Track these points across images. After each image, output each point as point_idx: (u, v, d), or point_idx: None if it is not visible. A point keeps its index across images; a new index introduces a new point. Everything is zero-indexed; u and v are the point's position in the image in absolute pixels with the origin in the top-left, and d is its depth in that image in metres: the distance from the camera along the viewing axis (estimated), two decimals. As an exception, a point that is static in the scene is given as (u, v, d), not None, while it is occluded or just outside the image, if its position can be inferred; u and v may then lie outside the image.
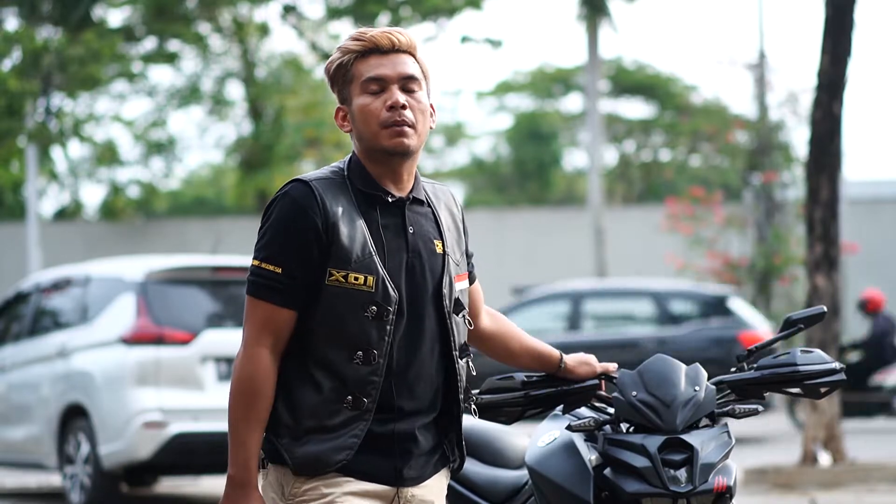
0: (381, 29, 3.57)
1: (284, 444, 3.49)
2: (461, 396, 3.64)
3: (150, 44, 31.39)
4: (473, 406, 3.72)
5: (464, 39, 29.44)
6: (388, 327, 3.48)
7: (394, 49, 3.54)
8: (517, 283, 25.24)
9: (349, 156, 3.61)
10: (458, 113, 59.33)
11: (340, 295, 3.46)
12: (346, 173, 3.55)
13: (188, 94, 34.18)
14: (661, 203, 29.89)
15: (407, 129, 3.50)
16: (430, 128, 3.60)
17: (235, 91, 34.07)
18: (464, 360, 3.64)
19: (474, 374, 3.71)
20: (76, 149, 37.14)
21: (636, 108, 43.79)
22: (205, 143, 38.77)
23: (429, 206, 3.64)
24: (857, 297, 28.16)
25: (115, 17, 31.01)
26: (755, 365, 4.69)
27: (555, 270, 30.36)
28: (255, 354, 3.47)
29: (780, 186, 25.80)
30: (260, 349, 3.47)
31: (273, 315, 3.47)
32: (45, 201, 39.67)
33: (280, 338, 3.49)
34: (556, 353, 4.18)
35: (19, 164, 28.23)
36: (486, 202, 44.87)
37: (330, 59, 3.59)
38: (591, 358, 4.29)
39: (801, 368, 4.60)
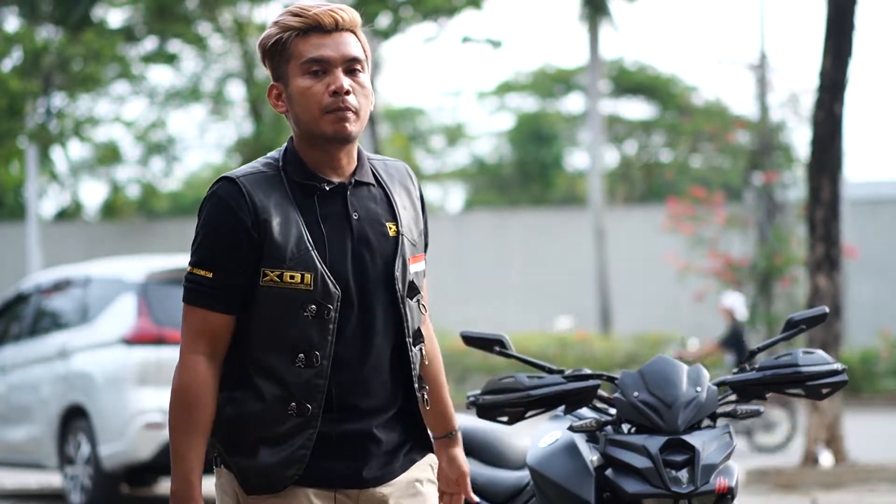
0: (323, 5, 3.36)
1: (235, 461, 3.33)
2: (415, 386, 3.42)
3: (150, 44, 31.40)
4: (425, 396, 3.46)
5: (464, 39, 29.45)
6: (331, 326, 3.28)
7: (337, 28, 3.34)
8: (520, 283, 25.26)
9: (285, 145, 3.43)
10: (459, 113, 59.38)
11: (277, 295, 3.28)
12: (280, 164, 3.37)
13: (188, 94, 34.20)
14: (662, 203, 29.88)
15: (350, 114, 3.31)
16: (370, 110, 3.43)
17: (236, 91, 34.08)
18: (417, 347, 3.43)
19: (426, 362, 3.53)
20: (76, 149, 37.15)
21: (637, 109, 43.80)
22: (205, 144, 38.79)
23: (379, 185, 3.43)
24: (858, 297, 28.21)
25: (116, 18, 31.03)
26: (757, 366, 4.68)
27: (556, 271, 30.35)
28: (190, 362, 3.29)
29: (782, 187, 25.80)
30: (196, 356, 3.29)
31: (207, 320, 3.29)
32: (46, 202, 39.69)
33: (217, 344, 3.31)
34: (453, 424, 3.77)
35: (19, 164, 28.26)
36: (487, 203, 44.87)
37: (266, 33, 3.38)
38: (462, 467, 3.83)
39: (803, 369, 4.59)
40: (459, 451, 3.77)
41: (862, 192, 31.12)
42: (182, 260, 12.34)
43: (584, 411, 4.73)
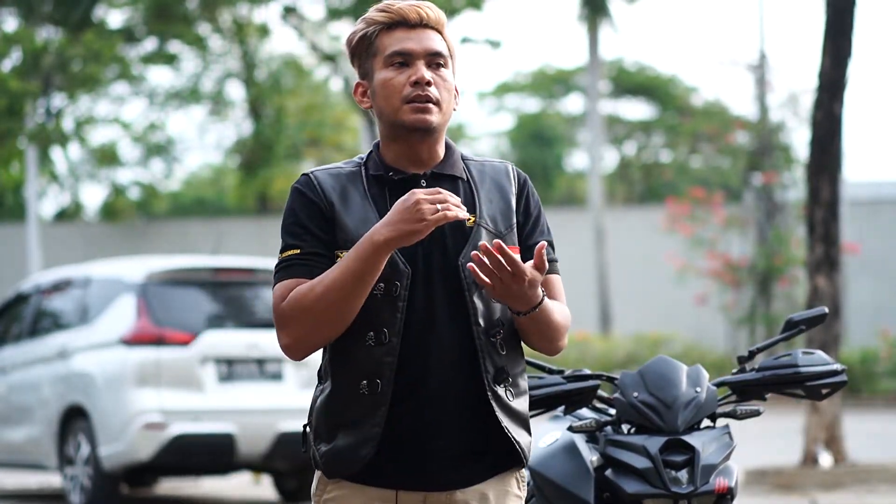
0: (409, 2, 3.41)
1: (319, 449, 3.35)
2: (487, 379, 3.32)
3: (150, 45, 31.41)
4: (511, 392, 3.35)
5: (464, 40, 29.44)
6: (400, 304, 3.29)
7: (421, 24, 3.40)
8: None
9: (371, 148, 3.48)
10: (459, 113, 59.35)
11: None
12: (363, 161, 3.44)
13: (187, 95, 34.20)
14: (661, 204, 29.89)
15: (431, 105, 3.35)
16: (455, 108, 3.46)
17: (235, 92, 34.10)
18: (492, 338, 3.34)
19: (503, 352, 3.36)
20: (76, 150, 37.14)
21: (637, 109, 43.83)
22: (205, 144, 38.80)
23: (467, 182, 3.44)
24: (858, 298, 28.21)
25: (116, 18, 31.03)
26: (756, 366, 4.69)
27: (555, 271, 30.32)
28: (282, 305, 3.28)
29: (781, 187, 25.81)
30: (283, 302, 3.29)
31: (293, 287, 3.30)
32: (46, 202, 39.68)
33: None
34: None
35: (19, 165, 28.22)
36: (487, 203, 44.83)
37: (353, 30, 3.44)
38: None
39: (803, 370, 4.60)
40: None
41: (862, 193, 31.13)
42: (182, 260, 12.34)
43: (584, 412, 4.74)
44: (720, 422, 4.67)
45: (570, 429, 4.55)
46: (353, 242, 3.29)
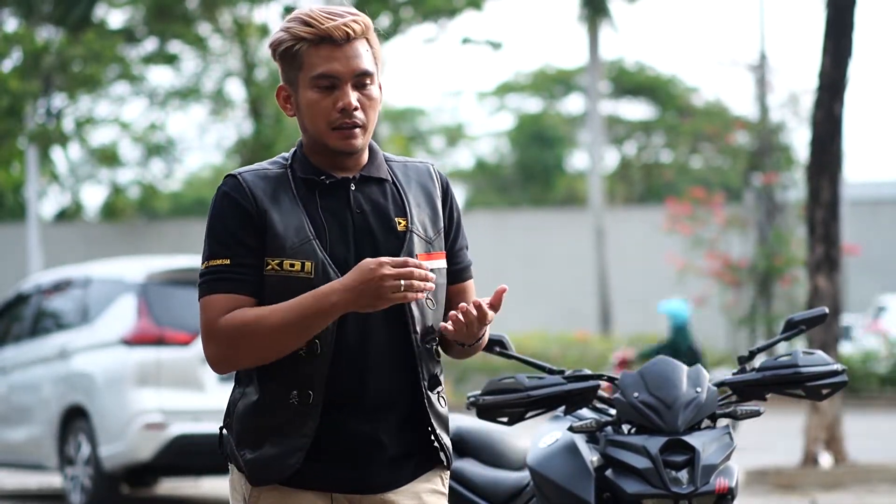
0: (335, 15, 3.31)
1: (243, 454, 3.32)
2: (423, 384, 3.35)
3: (150, 45, 31.41)
4: (441, 397, 3.38)
5: (465, 40, 29.46)
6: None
7: (348, 40, 3.31)
8: (520, 283, 25.26)
9: (294, 147, 3.43)
10: (459, 114, 59.36)
11: (279, 284, 3.27)
12: (288, 163, 3.37)
13: (187, 94, 34.20)
14: (661, 204, 29.90)
15: (357, 130, 3.31)
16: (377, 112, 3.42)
17: (236, 92, 34.09)
18: (428, 345, 3.36)
19: (438, 358, 3.41)
20: (76, 150, 37.16)
21: (637, 110, 43.84)
22: (205, 144, 38.80)
23: (394, 184, 3.41)
24: (860, 298, 28.19)
25: (116, 18, 31.05)
26: (757, 366, 4.69)
27: (556, 271, 30.36)
28: (222, 321, 3.25)
29: (781, 187, 25.81)
30: (218, 321, 3.26)
31: (225, 303, 3.27)
32: (46, 202, 39.70)
33: None
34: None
35: (20, 165, 28.24)
36: (487, 203, 44.88)
37: (276, 37, 3.34)
38: None
39: (803, 370, 4.60)
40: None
41: (862, 193, 31.16)
42: (182, 260, 12.34)
43: (584, 412, 4.73)
44: (720, 422, 4.67)
45: (571, 429, 4.55)
46: (283, 250, 3.27)
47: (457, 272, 3.48)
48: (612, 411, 4.67)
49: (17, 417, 12.53)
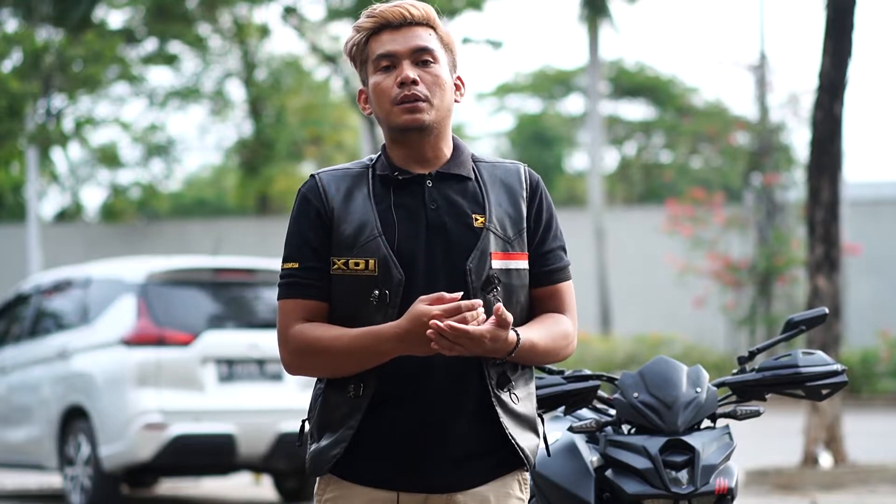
0: (394, 3, 3.41)
1: (310, 445, 3.40)
2: (491, 384, 3.32)
3: (150, 45, 31.41)
4: (514, 395, 3.35)
5: (465, 41, 29.46)
6: (392, 310, 3.27)
7: (406, 23, 3.38)
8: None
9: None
10: (459, 113, 59.35)
11: (345, 283, 3.32)
12: (371, 163, 3.43)
13: (187, 94, 34.21)
14: (661, 204, 29.89)
15: (420, 103, 3.33)
16: (457, 101, 3.44)
17: (236, 92, 34.11)
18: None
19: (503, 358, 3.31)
20: (76, 151, 37.16)
21: (637, 110, 43.78)
22: (205, 145, 38.81)
23: (476, 181, 3.41)
24: (858, 298, 28.20)
25: (116, 19, 31.04)
26: (757, 366, 4.69)
27: (555, 272, 30.33)
28: (294, 331, 3.33)
29: (781, 188, 25.80)
30: (295, 325, 3.34)
31: (297, 309, 3.34)
32: (46, 203, 39.70)
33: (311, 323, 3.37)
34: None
35: (20, 165, 28.24)
36: (487, 203, 44.84)
37: (347, 38, 3.46)
38: None
39: (803, 370, 4.60)
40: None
41: (862, 193, 31.14)
42: (182, 260, 12.34)
43: (584, 412, 4.74)
44: (720, 422, 4.67)
45: (571, 429, 4.55)
46: (350, 249, 3.32)
47: (545, 274, 3.45)
48: (612, 411, 4.67)
49: (17, 418, 12.53)
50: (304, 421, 3.44)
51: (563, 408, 4.62)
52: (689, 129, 35.45)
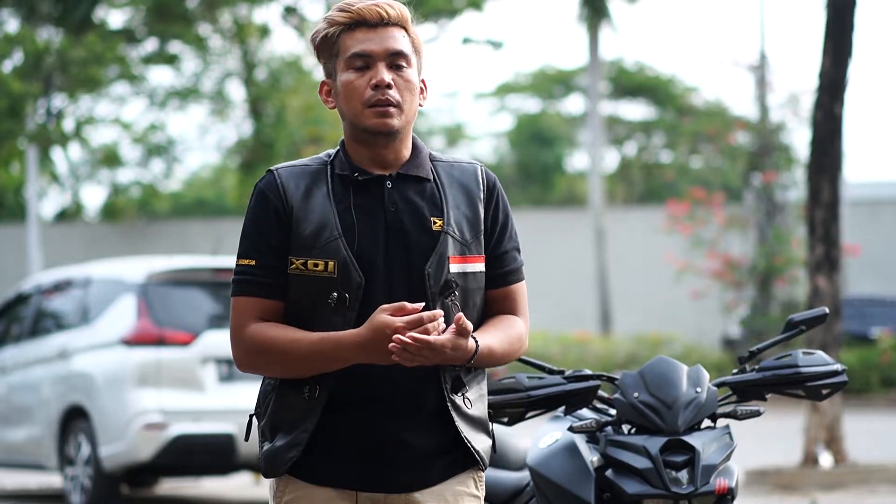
0: (370, 3, 3.34)
1: (262, 444, 3.38)
2: (446, 389, 3.33)
3: (150, 45, 31.41)
4: (467, 399, 3.37)
5: (465, 41, 29.46)
6: (351, 314, 3.26)
7: (382, 22, 3.33)
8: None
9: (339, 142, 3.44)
10: (457, 113, 59.36)
11: (302, 283, 3.29)
12: (329, 160, 3.38)
13: (187, 94, 34.21)
14: (661, 204, 29.90)
15: (391, 108, 3.30)
16: (420, 105, 3.41)
17: (236, 92, 34.10)
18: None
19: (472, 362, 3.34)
20: (77, 150, 37.16)
21: (637, 110, 43.78)
22: (205, 144, 38.81)
23: (434, 183, 3.39)
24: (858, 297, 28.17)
25: (116, 19, 31.03)
26: (757, 366, 4.69)
27: (556, 272, 30.35)
28: (247, 330, 3.31)
29: (781, 188, 25.81)
30: (249, 325, 3.31)
31: (252, 307, 3.31)
32: (46, 203, 39.70)
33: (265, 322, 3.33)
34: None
35: (20, 165, 28.26)
36: (487, 203, 44.84)
37: (315, 28, 3.39)
38: None
39: (803, 370, 4.60)
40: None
41: (862, 193, 31.16)
42: (182, 260, 12.34)
43: (585, 412, 4.74)
44: (720, 422, 4.67)
45: (571, 429, 4.55)
46: (309, 249, 3.28)
47: (500, 276, 3.44)
48: (613, 411, 4.67)
49: (17, 417, 12.54)
50: (251, 416, 3.43)
51: (563, 408, 4.62)
52: (689, 128, 35.44)
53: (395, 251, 3.31)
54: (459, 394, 3.36)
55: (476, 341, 3.28)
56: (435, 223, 3.34)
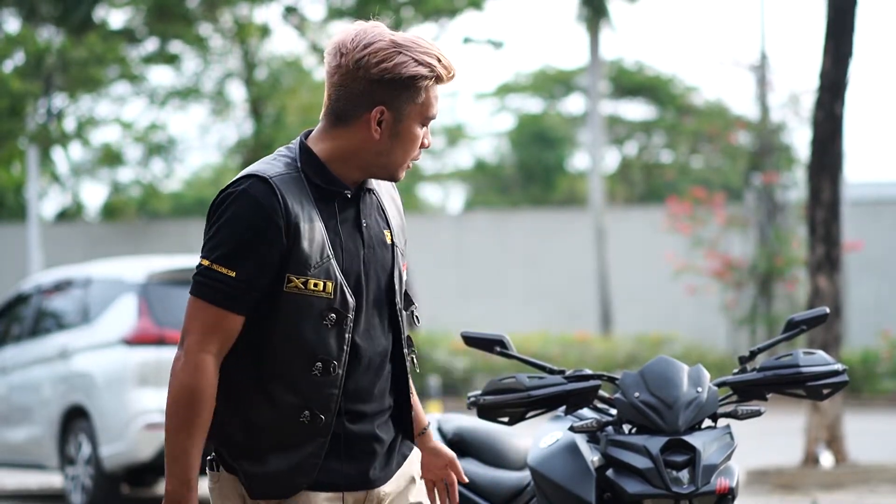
0: (450, 59, 3.29)
1: (243, 467, 3.27)
2: (410, 388, 3.44)
3: (151, 45, 31.41)
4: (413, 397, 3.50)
5: (466, 40, 29.42)
6: (347, 335, 3.25)
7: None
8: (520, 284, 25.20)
9: (296, 144, 3.32)
10: (458, 114, 59.38)
11: (299, 302, 3.21)
12: (299, 166, 3.27)
13: (187, 94, 34.21)
14: (662, 204, 29.89)
15: None
16: None
17: (236, 92, 34.10)
18: (410, 355, 3.43)
19: (417, 370, 3.49)
20: (77, 150, 37.16)
21: (637, 110, 43.74)
22: (206, 144, 38.79)
23: (375, 194, 3.40)
24: (859, 298, 28.19)
25: (116, 19, 31.02)
26: (758, 366, 4.69)
27: (556, 271, 30.35)
28: (200, 362, 3.18)
29: (782, 187, 25.81)
30: (205, 356, 3.19)
31: (221, 321, 3.20)
32: (47, 202, 39.70)
33: (227, 344, 3.22)
34: (425, 421, 3.67)
35: (20, 165, 28.25)
36: (488, 203, 44.87)
37: (401, 59, 3.22)
38: (446, 456, 3.73)
39: (804, 370, 4.60)
40: (437, 442, 3.72)
41: (863, 193, 31.13)
42: (183, 260, 12.34)
43: (585, 412, 4.74)
44: (721, 422, 4.67)
45: (572, 429, 4.55)
46: (308, 268, 3.21)
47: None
48: (613, 411, 4.67)
49: (17, 417, 12.54)
50: (211, 429, 3.29)
51: (563, 407, 4.62)
52: (690, 128, 35.42)
53: (369, 269, 3.32)
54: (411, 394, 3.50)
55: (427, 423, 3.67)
56: (387, 236, 3.38)
